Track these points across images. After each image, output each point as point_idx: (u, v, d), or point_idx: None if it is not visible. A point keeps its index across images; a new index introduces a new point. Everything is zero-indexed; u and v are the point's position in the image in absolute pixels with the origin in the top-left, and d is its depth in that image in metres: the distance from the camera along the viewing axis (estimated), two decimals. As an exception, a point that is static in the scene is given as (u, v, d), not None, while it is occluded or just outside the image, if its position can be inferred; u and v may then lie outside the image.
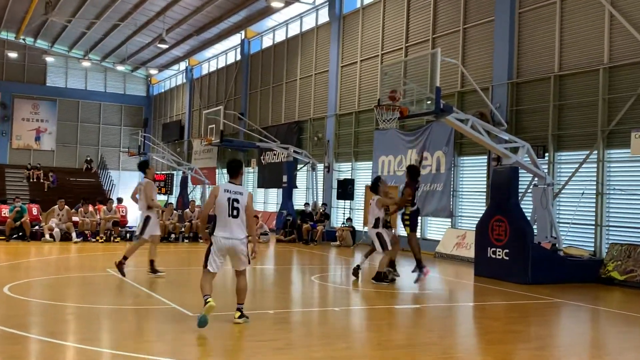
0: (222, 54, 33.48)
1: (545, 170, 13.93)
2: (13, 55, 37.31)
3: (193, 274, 12.83)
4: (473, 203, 17.07)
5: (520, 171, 13.21)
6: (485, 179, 16.31)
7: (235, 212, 7.28)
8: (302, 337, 7.13)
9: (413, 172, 12.00)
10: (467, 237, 15.94)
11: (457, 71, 17.37)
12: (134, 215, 28.54)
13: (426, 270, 11.62)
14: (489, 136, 13.30)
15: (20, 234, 17.46)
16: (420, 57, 15.97)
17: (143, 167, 11.70)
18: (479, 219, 13.77)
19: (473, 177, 17.23)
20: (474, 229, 14.10)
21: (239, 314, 7.42)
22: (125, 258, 10.99)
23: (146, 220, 11.04)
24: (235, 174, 7.56)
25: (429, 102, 12.87)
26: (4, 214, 17.92)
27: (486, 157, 16.23)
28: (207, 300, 7.09)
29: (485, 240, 12.95)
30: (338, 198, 21.49)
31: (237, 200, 7.29)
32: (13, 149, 39.50)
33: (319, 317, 8.58)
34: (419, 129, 18.50)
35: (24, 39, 38.87)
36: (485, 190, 16.24)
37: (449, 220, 17.50)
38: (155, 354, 6.05)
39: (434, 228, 18.49)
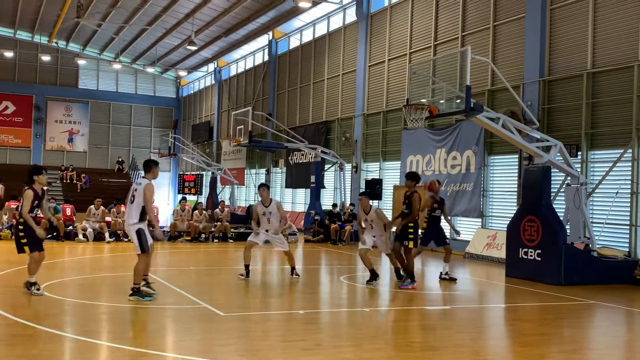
0: (250, 55, 33.68)
1: (578, 170, 13.68)
2: (46, 58, 38.09)
3: (223, 273, 12.95)
4: (504, 203, 16.86)
5: (552, 170, 13.00)
6: (516, 178, 16.09)
7: (132, 199, 8.70)
8: (331, 337, 7.12)
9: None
10: (498, 238, 15.74)
11: (487, 69, 17.18)
12: (164, 215, 28.88)
13: (415, 286, 10.84)
14: (520, 135, 13.12)
15: (54, 234, 17.81)
16: (450, 56, 15.88)
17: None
18: (510, 219, 13.60)
19: (504, 176, 17.01)
20: (505, 229, 13.93)
21: (130, 292, 8.61)
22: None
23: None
24: (146, 170, 8.94)
25: (458, 100, 12.76)
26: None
27: (517, 156, 16.03)
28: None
29: (516, 241, 12.78)
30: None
31: (135, 189, 8.71)
32: (47, 151, 40.35)
33: (348, 317, 8.56)
34: (448, 127, 18.34)
35: (56, 43, 39.68)
36: (516, 189, 16.02)
37: (479, 220, 17.31)
38: (186, 353, 6.11)
39: (463, 228, 18.26)
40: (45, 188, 9.75)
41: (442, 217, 12.28)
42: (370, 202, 11.39)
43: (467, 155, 17.53)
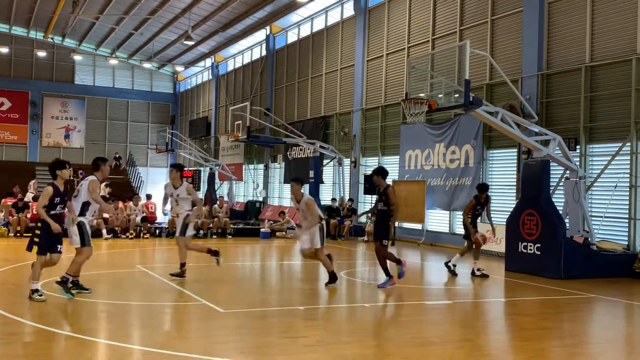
0: (248, 49, 33.56)
1: (577, 163, 13.66)
2: (42, 54, 37.91)
3: (222, 270, 12.91)
4: (503, 197, 16.83)
5: (551, 164, 12.97)
6: (515, 172, 16.07)
7: (76, 194, 8.96)
8: (332, 333, 7.09)
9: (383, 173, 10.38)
10: (497, 232, 15.69)
11: (486, 63, 17.12)
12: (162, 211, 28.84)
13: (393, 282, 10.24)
14: (519, 129, 13.09)
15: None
16: (448, 50, 15.80)
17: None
18: (509, 213, 13.58)
19: (502, 170, 16.98)
20: (504, 223, 13.91)
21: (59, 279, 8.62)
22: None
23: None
24: (95, 167, 9.12)
25: (456, 95, 12.73)
26: (36, 211, 18.22)
27: (516, 150, 16.00)
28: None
29: (516, 235, 12.77)
30: (365, 193, 21.39)
31: (81, 185, 8.97)
32: (43, 147, 40.18)
33: (349, 313, 8.53)
34: (447, 122, 18.30)
35: (52, 38, 39.47)
36: (515, 184, 16.00)
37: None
38: (186, 351, 6.07)
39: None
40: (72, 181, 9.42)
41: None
42: (303, 190, 10.67)
43: (465, 149, 17.50)
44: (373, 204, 11.92)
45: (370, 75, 22.55)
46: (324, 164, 24.26)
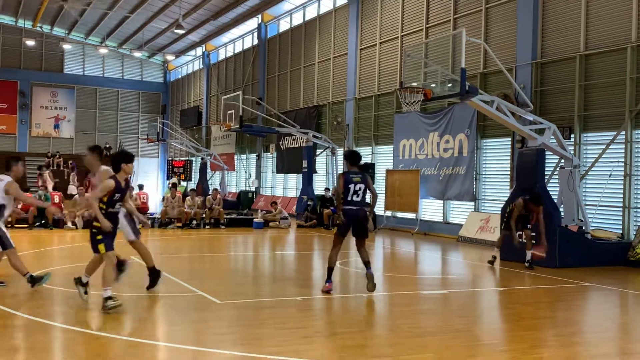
0: (239, 38, 33.30)
1: (572, 152, 13.65)
2: (31, 43, 37.45)
3: (216, 260, 12.85)
4: (497, 186, 16.84)
5: (546, 153, 12.94)
6: (509, 161, 16.05)
7: None
8: (330, 324, 7.04)
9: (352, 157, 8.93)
10: (491, 221, 15.73)
11: (480, 52, 17.06)
12: (153, 202, 28.64)
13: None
14: (514, 118, 13.05)
15: (42, 222, 17.58)
16: (443, 38, 15.73)
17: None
18: (503, 202, 13.56)
19: (496, 159, 16.98)
20: (498, 212, 13.90)
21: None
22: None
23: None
24: (7, 167, 8.78)
25: (450, 84, 12.66)
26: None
27: (510, 139, 15.98)
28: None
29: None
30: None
31: None
32: (32, 137, 39.82)
33: (346, 303, 8.48)
34: (441, 111, 18.25)
35: (40, 27, 38.99)
36: (509, 172, 15.99)
37: (472, 203, 17.29)
38: (183, 343, 6.00)
39: (456, 212, 18.29)
40: (130, 177, 8.06)
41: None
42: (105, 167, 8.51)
43: (459, 138, 17.46)
44: None
45: (363, 64, 22.43)
46: (317, 153, 24.16)
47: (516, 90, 14.47)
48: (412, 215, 19.35)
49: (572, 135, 14.33)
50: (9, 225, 17.04)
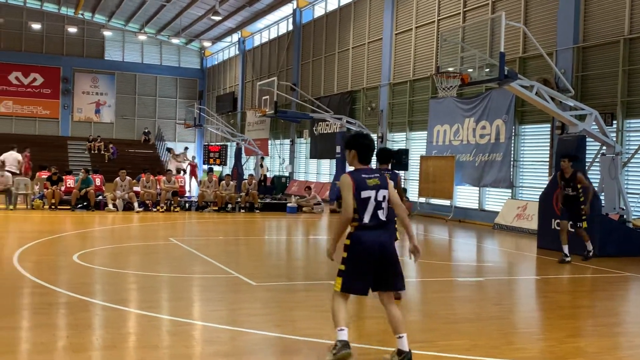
0: (274, 24, 33.33)
1: (614, 139, 13.31)
2: (73, 30, 38.18)
3: (251, 243, 13.01)
4: (535, 173, 16.56)
5: (587, 140, 12.66)
6: (548, 148, 15.76)
7: None
8: (365, 308, 7.07)
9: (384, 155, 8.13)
10: (529, 209, 15.50)
11: (519, 36, 16.72)
12: (193, 185, 29.05)
13: None
14: (554, 103, 12.79)
15: (85, 203, 18.03)
16: (481, 22, 15.50)
17: None
18: (541, 190, 13.34)
19: (535, 146, 16.68)
20: (536, 200, 13.69)
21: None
22: None
23: None
24: None
25: (487, 69, 12.47)
26: (69, 184, 18.52)
27: (549, 125, 15.67)
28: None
29: (549, 212, 12.53)
30: (392, 169, 21.22)
31: None
32: (75, 122, 40.74)
33: (380, 288, 8.49)
34: (478, 96, 17.99)
35: (82, 14, 39.70)
36: (547, 159, 15.71)
37: (509, 191, 17.05)
38: (220, 323, 6.11)
39: (492, 199, 18.08)
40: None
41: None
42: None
43: (496, 124, 17.20)
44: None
45: (398, 49, 22.22)
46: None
47: (557, 75, 14.16)
48: (446, 202, 19.20)
49: (615, 122, 13.97)
50: (53, 207, 17.58)
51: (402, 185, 8.56)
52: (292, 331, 5.90)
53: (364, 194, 4.81)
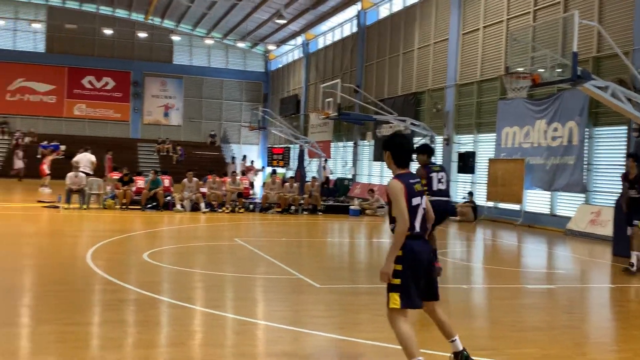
0: (338, 26, 33.38)
1: (696, 141, 12.56)
2: (142, 35, 39.52)
3: (313, 245, 13.03)
4: (610, 177, 15.84)
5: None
6: (624, 151, 15.04)
7: None
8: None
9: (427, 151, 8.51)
10: (603, 214, 14.84)
11: (592, 35, 16.05)
12: (256, 187, 29.45)
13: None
14: (630, 104, 12.19)
15: (154, 204, 18.56)
16: (553, 21, 14.98)
17: None
18: (617, 195, 12.73)
19: (610, 149, 15.97)
20: (611, 205, 13.09)
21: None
22: None
23: None
24: None
25: (559, 70, 12.02)
26: (139, 185, 19.13)
27: (626, 127, 14.96)
28: None
29: (625, 218, 11.92)
30: (458, 172, 20.85)
31: None
32: (144, 124, 42.15)
33: (446, 294, 8.30)
34: (549, 98, 17.39)
35: (151, 20, 41.04)
36: (624, 163, 14.98)
37: (583, 195, 16.39)
38: (284, 323, 6.12)
39: (564, 204, 17.42)
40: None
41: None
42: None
43: (569, 126, 16.57)
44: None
45: (465, 50, 21.79)
46: (415, 141, 23.78)
47: (633, 75, 13.49)
48: (515, 207, 18.65)
49: (697, 124, 13.19)
50: (124, 207, 18.20)
51: None
52: (354, 334, 5.85)
53: (414, 201, 4.59)
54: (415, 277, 4.56)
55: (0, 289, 7.35)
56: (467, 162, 19.99)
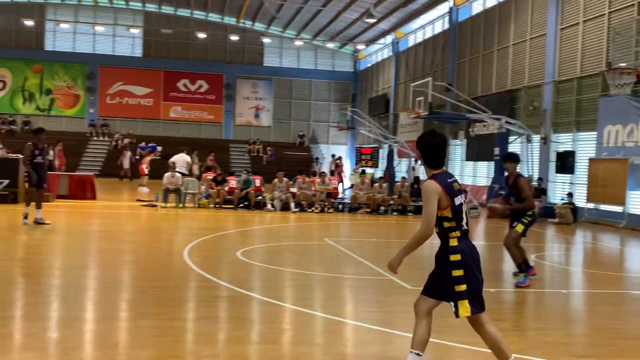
0: (429, 24, 32.86)
1: None
2: (234, 38, 40.65)
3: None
4: None
5: None
6: None
7: None
8: (529, 319, 6.67)
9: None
10: None
11: None
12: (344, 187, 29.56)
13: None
14: None
15: (245, 203, 19.03)
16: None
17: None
18: None
19: None
20: None
21: None
22: None
23: None
24: None
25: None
26: (232, 185, 19.68)
27: None
28: None
29: None
30: (557, 172, 19.95)
31: None
32: (236, 126, 43.37)
33: (545, 298, 7.96)
34: (656, 93, 16.26)
35: (243, 23, 42.15)
36: None
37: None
38: (373, 323, 6.07)
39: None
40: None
41: None
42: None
43: (679, 123, 15.42)
44: None
45: (563, 45, 20.81)
46: (511, 140, 22.99)
47: None
48: (618, 208, 17.58)
49: None
50: (218, 206, 18.79)
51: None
52: (449, 337, 5.70)
53: (457, 200, 4.39)
54: (476, 279, 4.41)
55: (103, 283, 7.76)
56: (566, 162, 19.07)
